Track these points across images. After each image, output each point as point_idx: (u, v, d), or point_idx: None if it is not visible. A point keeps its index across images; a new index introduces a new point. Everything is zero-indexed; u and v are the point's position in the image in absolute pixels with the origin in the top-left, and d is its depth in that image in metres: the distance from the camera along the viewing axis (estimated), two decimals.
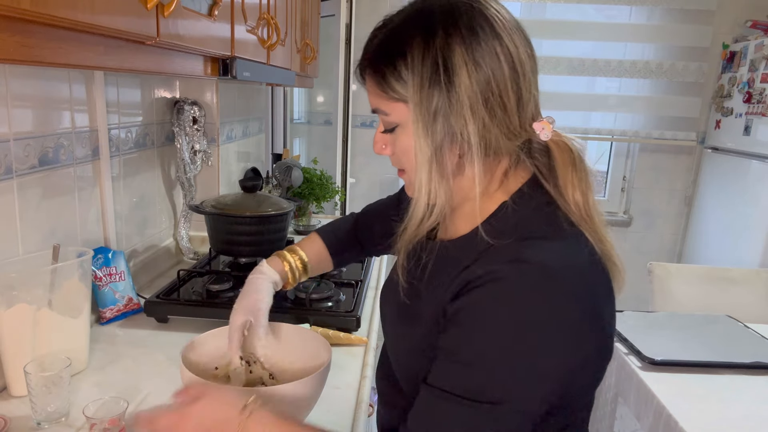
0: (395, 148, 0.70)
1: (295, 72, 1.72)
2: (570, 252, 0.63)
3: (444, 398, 0.62)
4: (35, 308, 0.97)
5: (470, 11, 0.64)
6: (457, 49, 0.62)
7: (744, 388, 1.40)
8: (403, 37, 0.64)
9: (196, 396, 0.69)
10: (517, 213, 0.67)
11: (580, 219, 0.67)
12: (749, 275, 2.15)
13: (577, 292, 0.61)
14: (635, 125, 3.01)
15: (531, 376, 0.60)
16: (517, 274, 0.60)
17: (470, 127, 0.63)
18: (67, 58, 0.64)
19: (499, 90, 0.63)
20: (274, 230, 1.58)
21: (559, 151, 0.69)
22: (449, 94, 0.63)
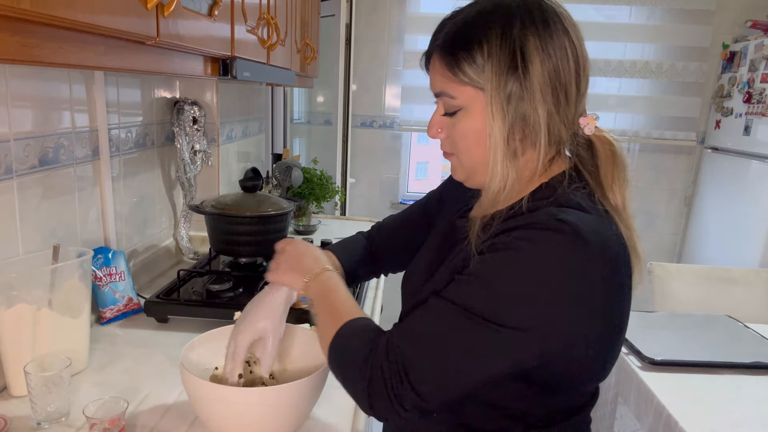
0: (453, 131, 0.74)
1: (295, 72, 1.72)
2: (600, 225, 0.68)
3: (449, 304, 0.67)
4: (35, 308, 0.97)
5: (543, 7, 0.70)
6: (532, 39, 0.68)
7: (744, 388, 1.40)
8: (481, 26, 0.69)
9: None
10: (555, 190, 0.72)
11: (614, 208, 0.72)
12: (749, 275, 2.15)
13: (602, 257, 0.65)
14: (635, 125, 3.01)
15: (541, 314, 0.64)
16: (552, 226, 0.65)
17: (540, 112, 0.69)
18: (67, 58, 0.64)
19: (565, 81, 0.69)
20: (274, 230, 1.58)
21: (602, 145, 0.75)
22: (524, 80, 0.68)
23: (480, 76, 0.69)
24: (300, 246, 0.93)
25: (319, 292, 0.84)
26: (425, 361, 0.66)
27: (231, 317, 1.16)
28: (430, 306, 0.69)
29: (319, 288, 0.84)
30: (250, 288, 1.41)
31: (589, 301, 0.66)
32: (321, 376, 0.89)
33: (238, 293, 1.39)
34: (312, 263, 0.88)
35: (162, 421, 0.94)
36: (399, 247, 1.03)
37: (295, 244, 0.93)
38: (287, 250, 0.92)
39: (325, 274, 0.85)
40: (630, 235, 0.72)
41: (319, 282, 0.85)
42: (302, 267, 0.88)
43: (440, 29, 0.74)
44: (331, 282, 0.84)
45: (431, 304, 0.69)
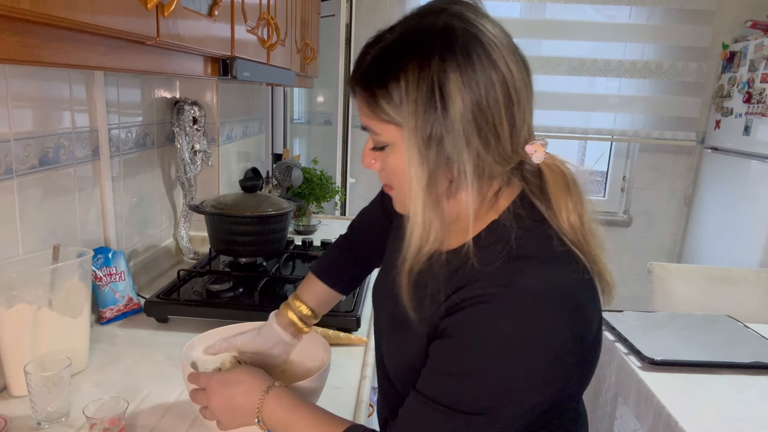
0: (384, 165, 0.69)
1: (295, 72, 1.72)
2: (559, 274, 0.64)
3: (430, 406, 0.64)
4: (35, 308, 0.97)
5: (466, 35, 0.62)
6: (453, 75, 0.61)
7: (744, 388, 1.40)
8: (397, 58, 0.63)
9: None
10: (507, 232, 0.66)
11: (574, 240, 0.67)
12: (749, 275, 2.15)
13: (564, 316, 0.62)
14: (635, 125, 3.01)
15: (515, 391, 0.62)
16: (508, 297, 0.61)
17: (464, 155, 0.62)
18: (67, 58, 0.64)
19: (493, 118, 0.62)
20: (274, 230, 1.58)
21: (552, 174, 0.68)
22: (444, 121, 0.61)
23: (399, 115, 0.63)
24: (225, 381, 0.79)
25: (276, 424, 0.75)
26: None
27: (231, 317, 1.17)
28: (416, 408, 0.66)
29: (273, 420, 0.75)
30: (250, 288, 1.41)
31: (568, 361, 0.63)
32: (321, 377, 0.89)
33: (238, 293, 1.39)
34: (247, 398, 0.77)
35: (162, 421, 0.94)
36: (376, 242, 0.98)
37: (217, 389, 0.79)
38: (213, 396, 0.79)
39: (269, 399, 0.75)
40: (596, 266, 0.67)
41: (270, 413, 0.75)
42: (242, 409, 0.77)
43: (362, 57, 0.67)
44: (279, 408, 0.75)
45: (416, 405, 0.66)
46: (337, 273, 0.99)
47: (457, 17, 0.63)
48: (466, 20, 0.63)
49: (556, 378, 0.63)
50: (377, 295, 0.88)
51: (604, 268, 0.68)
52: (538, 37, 2.95)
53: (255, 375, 0.80)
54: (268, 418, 0.75)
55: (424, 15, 0.65)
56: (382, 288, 0.84)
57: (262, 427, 0.76)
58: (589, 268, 0.66)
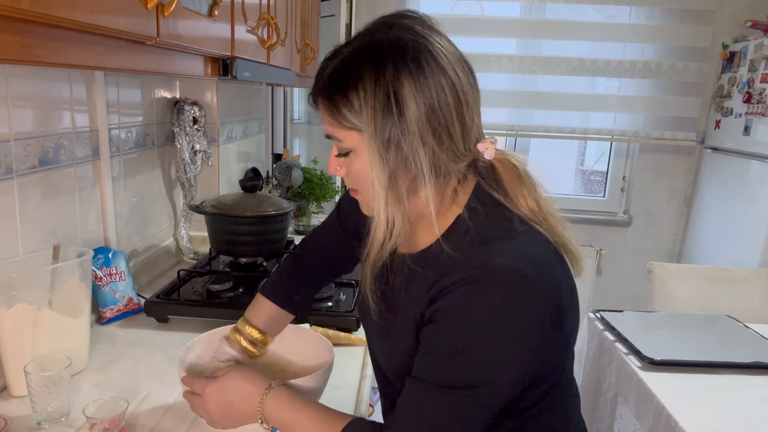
0: (349, 170, 0.74)
1: (295, 72, 1.72)
2: (526, 247, 0.70)
3: (424, 388, 0.69)
4: (35, 308, 0.97)
5: (416, 45, 0.67)
6: (406, 82, 0.66)
7: (744, 388, 1.40)
8: (355, 69, 0.68)
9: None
10: (472, 222, 0.71)
11: (534, 220, 0.73)
12: (749, 275, 2.15)
13: (539, 284, 0.67)
14: (635, 125, 3.01)
15: (502, 362, 0.67)
16: (484, 276, 0.66)
17: (421, 154, 0.68)
18: (67, 58, 0.64)
19: (445, 119, 0.68)
20: (274, 230, 1.58)
21: (504, 168, 0.74)
22: (401, 124, 0.67)
23: (359, 121, 0.68)
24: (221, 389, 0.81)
25: (278, 423, 0.78)
26: None
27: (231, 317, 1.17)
28: (413, 394, 0.70)
29: (275, 420, 0.78)
30: (250, 288, 1.41)
31: (548, 327, 0.69)
32: (322, 375, 0.89)
33: (238, 293, 1.39)
34: (245, 402, 0.79)
35: (162, 421, 0.94)
36: (329, 261, 1.03)
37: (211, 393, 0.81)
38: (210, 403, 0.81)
39: (268, 400, 0.78)
40: (558, 239, 0.73)
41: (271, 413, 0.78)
42: (242, 413, 0.80)
43: (322, 70, 0.72)
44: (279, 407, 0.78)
45: (413, 391, 0.70)
46: (288, 293, 0.99)
47: (407, 30, 0.69)
48: (415, 32, 0.69)
49: (538, 344, 0.69)
50: (363, 306, 0.89)
51: (567, 240, 0.74)
52: (538, 37, 2.94)
53: (251, 379, 0.81)
54: (270, 419, 0.78)
55: (376, 30, 0.70)
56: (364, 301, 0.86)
57: (265, 427, 0.78)
58: (553, 241, 0.72)
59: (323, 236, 1.04)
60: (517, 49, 2.99)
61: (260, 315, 0.97)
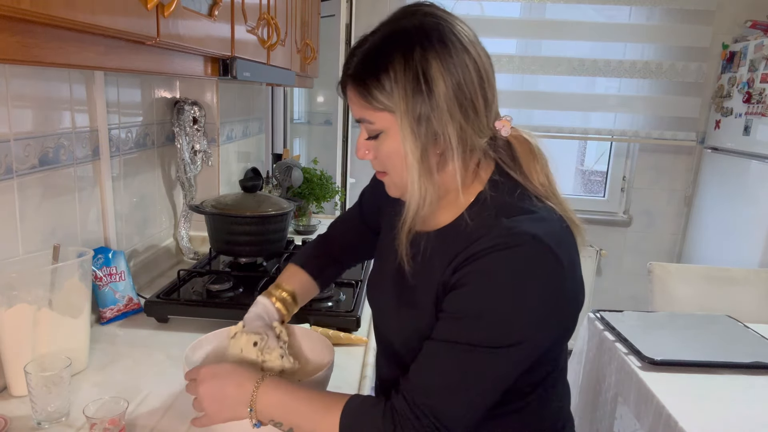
0: (379, 153, 0.78)
1: (295, 72, 1.72)
2: (547, 221, 0.74)
3: (448, 347, 0.71)
4: (35, 308, 0.97)
5: (440, 28, 0.73)
6: (433, 61, 0.71)
7: (744, 388, 1.40)
8: (384, 53, 0.72)
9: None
10: (494, 199, 0.76)
11: (547, 196, 0.78)
12: (749, 275, 2.15)
13: (560, 252, 0.71)
14: (635, 125, 3.01)
15: (526, 325, 0.70)
16: (511, 244, 0.70)
17: (449, 129, 0.72)
18: (67, 58, 0.64)
19: (471, 95, 0.73)
20: (274, 230, 1.58)
21: (519, 144, 0.80)
22: (430, 101, 0.71)
23: (391, 101, 0.72)
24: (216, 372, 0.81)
25: (276, 408, 0.77)
26: (455, 408, 0.71)
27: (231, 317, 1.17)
28: (434, 354, 0.73)
29: (272, 406, 0.77)
30: (250, 288, 1.41)
31: (565, 293, 0.73)
32: (325, 374, 0.89)
33: (238, 293, 1.39)
34: (238, 389, 0.78)
35: (162, 421, 0.94)
36: (350, 246, 1.10)
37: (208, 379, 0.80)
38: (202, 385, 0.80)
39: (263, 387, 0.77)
40: (566, 214, 0.78)
41: (266, 399, 0.77)
42: (233, 399, 0.78)
43: (350, 58, 0.76)
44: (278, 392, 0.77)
45: (434, 352, 0.73)
46: (319, 266, 1.06)
47: (430, 15, 0.74)
48: (438, 17, 0.74)
49: (558, 311, 0.73)
50: (374, 288, 0.94)
51: (573, 215, 0.79)
52: (538, 37, 2.95)
53: (246, 367, 0.84)
54: (264, 406, 0.77)
55: (400, 18, 0.75)
56: (379, 279, 0.91)
57: (252, 417, 0.77)
58: (564, 216, 0.77)
59: (346, 226, 1.11)
60: (517, 49, 2.99)
61: (293, 281, 1.02)
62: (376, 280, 0.93)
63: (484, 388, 0.72)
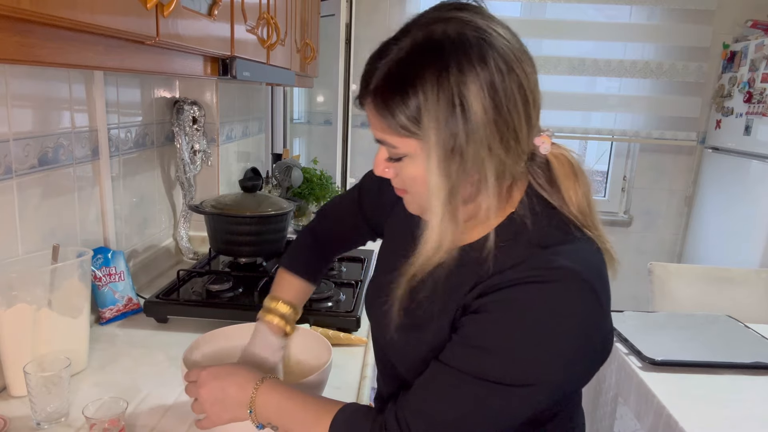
0: (400, 173, 0.69)
1: (295, 72, 1.72)
2: (586, 254, 0.67)
3: (458, 377, 0.65)
4: (35, 308, 0.97)
5: (480, 43, 0.61)
6: (472, 86, 0.60)
7: (744, 388, 1.40)
8: (413, 71, 0.61)
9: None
10: (529, 223, 0.68)
11: (585, 223, 0.69)
12: (749, 275, 2.15)
13: (598, 291, 0.64)
14: (635, 125, 3.01)
15: (547, 367, 0.63)
16: (552, 277, 0.63)
17: (487, 163, 0.63)
18: (67, 58, 0.64)
19: (514, 124, 0.63)
20: (274, 230, 1.58)
21: (559, 164, 0.70)
22: (466, 132, 0.61)
23: (418, 128, 0.62)
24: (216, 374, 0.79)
25: (272, 411, 0.75)
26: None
27: (231, 317, 1.17)
28: (440, 380, 0.67)
29: (269, 409, 0.75)
30: (250, 288, 1.41)
31: (600, 337, 0.66)
32: (322, 375, 0.89)
33: (238, 293, 1.39)
34: (239, 391, 0.77)
35: (162, 421, 0.94)
36: (343, 235, 1.03)
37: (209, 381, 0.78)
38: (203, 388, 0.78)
39: (262, 389, 0.76)
40: (604, 245, 0.70)
41: (264, 401, 0.75)
42: (234, 400, 0.77)
43: (371, 71, 0.65)
44: (275, 395, 0.76)
45: (440, 377, 0.67)
46: (310, 265, 1.00)
47: (468, 24, 0.62)
48: (478, 27, 0.62)
49: (588, 355, 0.66)
50: (374, 301, 0.86)
51: (609, 243, 0.71)
52: (538, 37, 2.94)
53: (247, 368, 0.81)
54: (262, 408, 0.75)
55: (432, 23, 0.63)
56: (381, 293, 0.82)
57: (253, 419, 0.76)
58: (602, 248, 0.70)
59: (341, 213, 1.02)
60: None
61: (288, 290, 0.98)
62: (376, 293, 0.84)
63: (490, 426, 0.65)
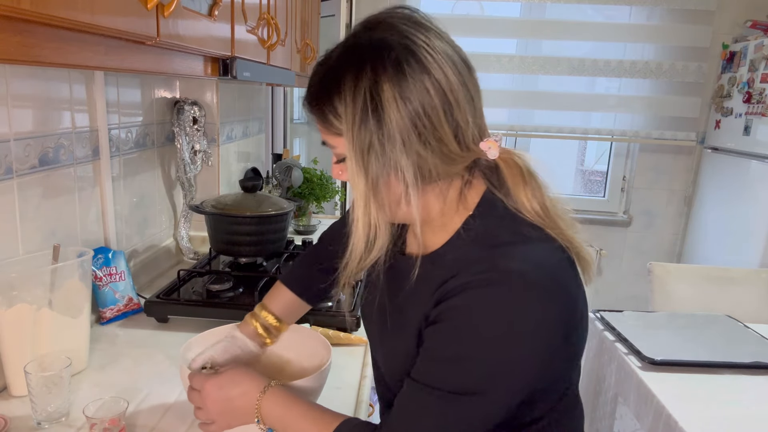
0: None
1: (295, 72, 1.72)
2: (538, 254, 0.67)
3: (424, 391, 0.67)
4: (35, 308, 0.97)
5: (397, 47, 0.64)
6: (385, 86, 0.63)
7: (744, 388, 1.40)
8: (338, 74, 0.65)
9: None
10: (482, 225, 0.70)
11: (544, 225, 0.70)
12: (749, 275, 2.15)
13: (550, 292, 0.65)
14: (635, 125, 3.01)
15: (506, 370, 0.65)
16: (495, 281, 0.64)
17: (403, 161, 0.65)
18: (67, 59, 0.64)
19: (431, 122, 0.64)
20: (274, 230, 1.58)
21: (507, 168, 0.71)
22: (380, 130, 0.64)
23: (342, 126, 0.66)
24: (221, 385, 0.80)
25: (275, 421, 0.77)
26: None
27: (231, 317, 1.17)
28: (411, 396, 0.69)
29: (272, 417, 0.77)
30: (250, 288, 1.41)
31: (558, 337, 0.66)
32: (320, 376, 0.89)
33: (238, 293, 1.39)
34: (244, 399, 0.78)
35: (162, 421, 0.94)
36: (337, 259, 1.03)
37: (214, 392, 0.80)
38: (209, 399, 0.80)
39: (266, 398, 0.78)
40: (571, 245, 0.70)
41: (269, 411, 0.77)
42: (241, 410, 0.79)
43: (312, 76, 0.70)
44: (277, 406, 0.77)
45: (412, 393, 0.69)
46: (306, 283, 1.00)
47: (390, 30, 0.66)
48: (399, 32, 0.65)
49: (544, 355, 0.66)
50: (364, 316, 0.90)
51: (579, 246, 0.71)
52: (538, 37, 2.94)
53: (251, 375, 0.81)
54: (266, 417, 0.77)
55: (360, 31, 0.68)
56: (370, 309, 0.86)
57: (261, 427, 0.78)
58: (566, 247, 0.70)
59: (338, 233, 1.02)
60: (517, 49, 2.99)
61: (278, 302, 0.98)
62: (367, 309, 0.88)
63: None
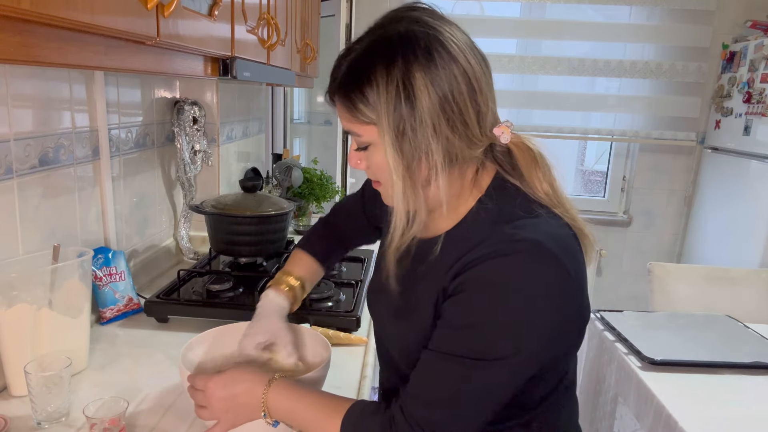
0: (370, 163, 0.76)
1: (295, 72, 1.72)
2: (550, 227, 0.71)
3: (449, 360, 0.69)
4: (35, 308, 0.97)
5: (426, 37, 0.69)
6: (417, 73, 0.68)
7: (744, 388, 1.40)
8: (367, 64, 0.70)
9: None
10: (496, 204, 0.75)
11: (552, 204, 0.75)
12: (749, 275, 2.15)
13: (563, 259, 0.68)
14: (635, 125, 3.01)
15: (525, 335, 0.68)
16: (511, 250, 0.67)
17: (434, 144, 0.69)
18: (67, 59, 0.64)
19: (459, 107, 0.69)
20: (274, 230, 1.58)
21: (520, 151, 0.77)
22: (413, 115, 0.68)
23: (374, 114, 0.70)
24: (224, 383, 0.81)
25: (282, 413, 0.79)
26: (453, 421, 0.70)
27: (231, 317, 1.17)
28: (431, 365, 0.71)
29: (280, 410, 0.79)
30: (250, 288, 1.41)
31: (569, 303, 0.70)
32: (320, 373, 0.89)
33: (238, 293, 1.39)
34: (249, 396, 0.80)
35: (162, 421, 0.94)
36: (352, 230, 1.13)
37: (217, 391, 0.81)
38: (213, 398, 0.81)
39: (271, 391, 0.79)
40: (575, 223, 0.75)
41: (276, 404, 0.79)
42: (247, 408, 0.80)
43: (337, 68, 0.74)
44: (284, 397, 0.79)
45: (431, 363, 0.71)
46: (325, 250, 1.10)
47: (416, 22, 0.71)
48: (425, 24, 0.70)
49: (560, 321, 0.70)
50: (373, 294, 0.92)
51: (582, 224, 0.77)
52: (538, 37, 2.95)
53: (252, 372, 0.83)
54: (274, 409, 0.79)
55: (386, 24, 0.72)
56: (378, 285, 0.88)
57: (268, 421, 0.79)
58: (570, 225, 0.75)
59: (349, 209, 1.13)
60: (517, 49, 2.99)
61: (300, 267, 1.06)
62: (375, 288, 0.91)
63: (483, 401, 0.70)
